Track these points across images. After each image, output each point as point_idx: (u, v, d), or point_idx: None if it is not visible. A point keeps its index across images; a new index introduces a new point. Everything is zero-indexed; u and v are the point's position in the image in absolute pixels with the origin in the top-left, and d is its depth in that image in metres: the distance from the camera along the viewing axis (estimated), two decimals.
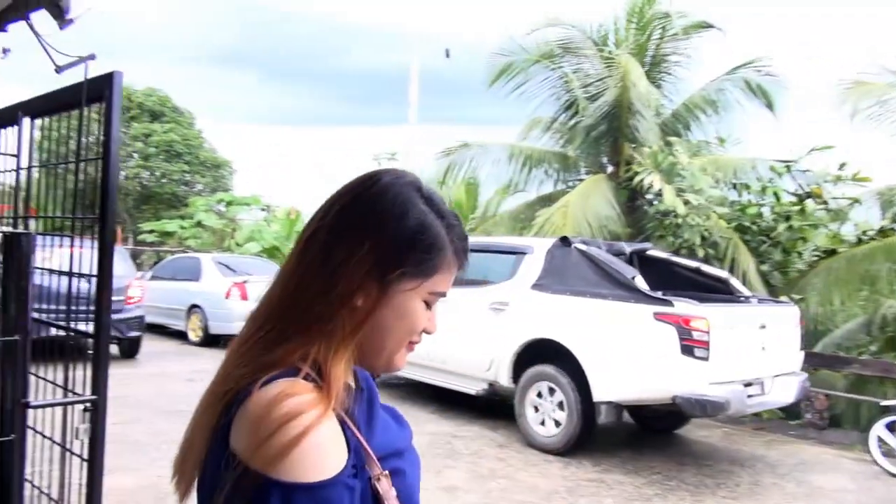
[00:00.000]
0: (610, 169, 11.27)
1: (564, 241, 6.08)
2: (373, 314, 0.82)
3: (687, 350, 4.98)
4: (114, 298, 8.06)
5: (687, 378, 5.01)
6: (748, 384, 5.26)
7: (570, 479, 5.07)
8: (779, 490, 5.08)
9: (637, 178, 9.17)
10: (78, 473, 2.51)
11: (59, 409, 2.48)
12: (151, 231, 20.32)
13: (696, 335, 4.97)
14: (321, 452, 0.73)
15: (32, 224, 2.82)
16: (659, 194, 8.92)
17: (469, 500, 4.53)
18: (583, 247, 5.89)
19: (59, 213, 2.80)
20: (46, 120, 2.78)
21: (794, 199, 9.24)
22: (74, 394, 2.47)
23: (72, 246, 2.45)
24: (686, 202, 8.57)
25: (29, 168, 2.76)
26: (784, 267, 9.24)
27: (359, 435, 0.80)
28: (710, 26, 10.97)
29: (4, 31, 2.56)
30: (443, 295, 0.87)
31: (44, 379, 2.48)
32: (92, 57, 2.39)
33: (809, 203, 8.93)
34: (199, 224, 19.67)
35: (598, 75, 10.91)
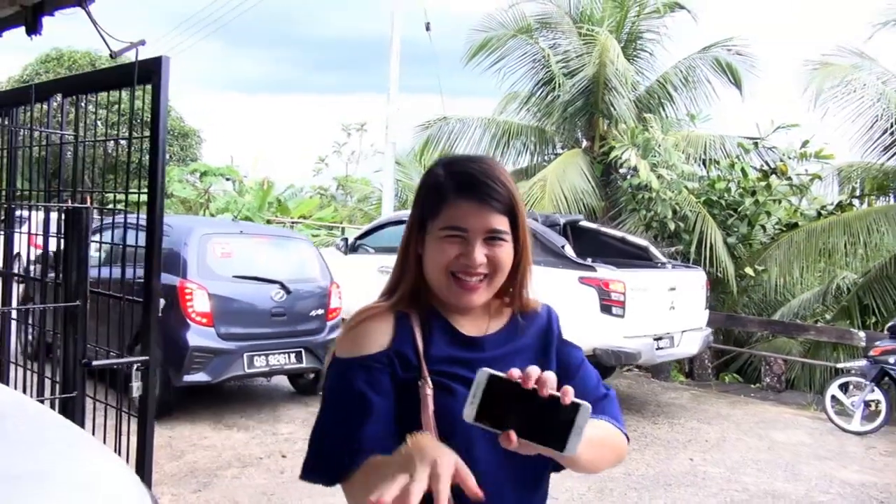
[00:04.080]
0: (585, 144, 11.59)
1: None
2: (423, 259, 1.09)
3: (606, 309, 5.73)
4: (312, 313, 5.89)
5: (605, 333, 5.73)
6: (659, 338, 6.08)
7: None
8: (743, 444, 5.55)
9: (613, 154, 9.49)
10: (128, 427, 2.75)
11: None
12: (120, 202, 19.95)
13: (613, 296, 5.71)
14: (354, 340, 1.05)
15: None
16: (633, 169, 9.27)
17: None
18: None
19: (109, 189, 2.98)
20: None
21: (759, 174, 9.69)
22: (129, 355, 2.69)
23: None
24: (659, 177, 8.93)
25: (84, 143, 2.92)
26: (749, 240, 9.72)
27: (419, 340, 1.07)
28: (683, 7, 11.30)
29: (52, 15, 2.70)
30: (458, 228, 1.04)
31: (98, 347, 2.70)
32: (142, 42, 2.57)
33: (774, 179, 9.38)
34: (169, 195, 19.45)
35: (575, 51, 11.15)
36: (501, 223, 1.05)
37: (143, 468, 2.69)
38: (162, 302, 4.56)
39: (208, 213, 15.21)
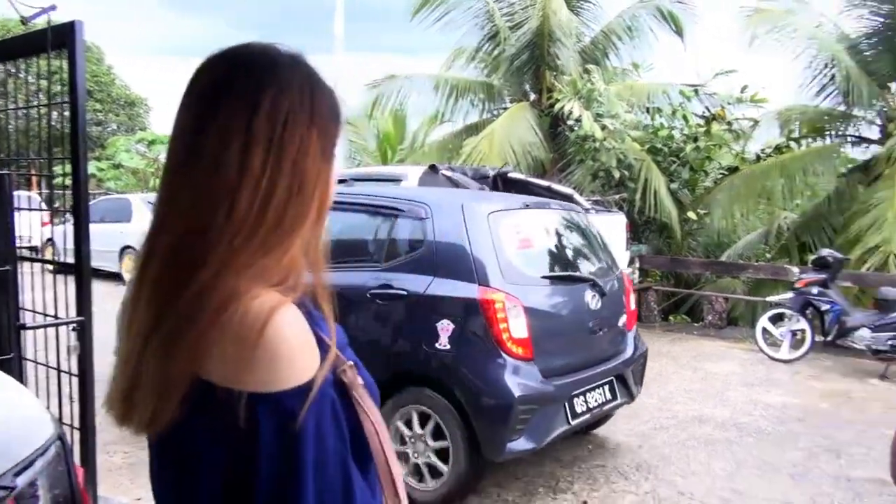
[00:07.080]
0: (533, 97, 11.69)
1: (433, 168, 6.88)
2: (326, 193, 0.77)
3: None
4: (619, 321, 4.01)
5: None
6: None
7: None
8: (678, 377, 5.89)
9: (558, 106, 9.63)
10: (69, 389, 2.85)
11: (51, 332, 2.79)
12: (65, 174, 19.51)
13: None
14: (302, 349, 0.69)
15: None
16: (578, 120, 9.44)
17: None
18: (448, 172, 6.76)
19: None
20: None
21: (701, 121, 9.95)
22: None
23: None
24: (603, 127, 9.12)
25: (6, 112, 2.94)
26: (692, 185, 10.03)
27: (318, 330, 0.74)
28: None
29: None
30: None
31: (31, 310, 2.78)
32: (53, 7, 2.59)
33: (715, 124, 9.65)
34: (118, 165, 19.09)
35: (519, 4, 11.16)
36: None
37: (86, 424, 2.81)
38: (450, 325, 3.30)
39: (159, 181, 15.05)
